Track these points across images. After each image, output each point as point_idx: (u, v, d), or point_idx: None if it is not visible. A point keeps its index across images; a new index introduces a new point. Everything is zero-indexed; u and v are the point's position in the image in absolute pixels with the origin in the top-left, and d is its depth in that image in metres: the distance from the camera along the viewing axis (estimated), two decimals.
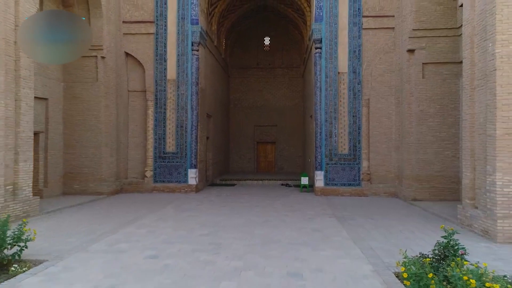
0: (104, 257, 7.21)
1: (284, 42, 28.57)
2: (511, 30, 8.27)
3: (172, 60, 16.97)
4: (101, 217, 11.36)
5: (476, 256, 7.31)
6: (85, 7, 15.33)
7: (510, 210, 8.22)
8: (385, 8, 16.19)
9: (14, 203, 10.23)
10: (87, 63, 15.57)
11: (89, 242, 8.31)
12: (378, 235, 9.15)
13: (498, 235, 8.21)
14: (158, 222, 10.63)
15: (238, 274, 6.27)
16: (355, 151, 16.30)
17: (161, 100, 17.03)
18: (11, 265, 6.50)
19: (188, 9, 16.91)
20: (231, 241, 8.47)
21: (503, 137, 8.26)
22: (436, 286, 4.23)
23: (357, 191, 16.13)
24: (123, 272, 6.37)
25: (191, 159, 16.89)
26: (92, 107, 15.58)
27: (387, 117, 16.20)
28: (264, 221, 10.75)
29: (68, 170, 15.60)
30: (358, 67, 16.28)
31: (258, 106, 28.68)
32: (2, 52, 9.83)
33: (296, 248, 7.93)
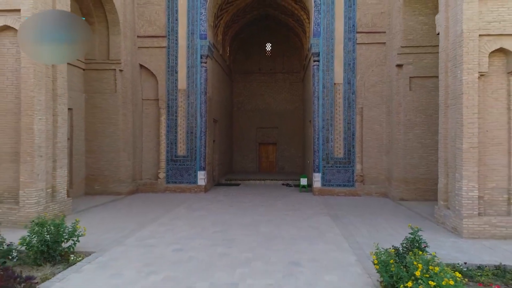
0: (139, 250, 8.87)
1: (285, 48, 30.09)
2: (476, 61, 9.86)
3: (183, 72, 18.56)
4: (125, 215, 13.02)
5: (443, 248, 9.00)
6: (105, 25, 16.91)
7: (473, 211, 9.86)
8: (377, 24, 17.73)
9: (53, 203, 11.88)
10: (106, 75, 17.17)
11: (122, 237, 9.97)
12: (365, 232, 10.80)
13: (463, 231, 9.87)
14: (175, 221, 12.29)
15: (249, 263, 7.92)
16: (350, 155, 17.93)
17: (172, 108, 18.65)
18: (68, 255, 8.16)
19: (197, 24, 18.46)
20: (241, 237, 10.13)
21: (469, 150, 9.89)
22: (395, 269, 5.86)
23: (351, 191, 17.78)
24: (157, 261, 8.03)
25: (200, 162, 18.54)
26: (111, 116, 17.20)
27: (379, 124, 17.80)
28: (268, 220, 12.40)
29: (90, 172, 17.24)
30: (353, 79, 17.86)
31: (260, 109, 30.27)
32: (44, 74, 11.44)
33: (295, 243, 9.58)
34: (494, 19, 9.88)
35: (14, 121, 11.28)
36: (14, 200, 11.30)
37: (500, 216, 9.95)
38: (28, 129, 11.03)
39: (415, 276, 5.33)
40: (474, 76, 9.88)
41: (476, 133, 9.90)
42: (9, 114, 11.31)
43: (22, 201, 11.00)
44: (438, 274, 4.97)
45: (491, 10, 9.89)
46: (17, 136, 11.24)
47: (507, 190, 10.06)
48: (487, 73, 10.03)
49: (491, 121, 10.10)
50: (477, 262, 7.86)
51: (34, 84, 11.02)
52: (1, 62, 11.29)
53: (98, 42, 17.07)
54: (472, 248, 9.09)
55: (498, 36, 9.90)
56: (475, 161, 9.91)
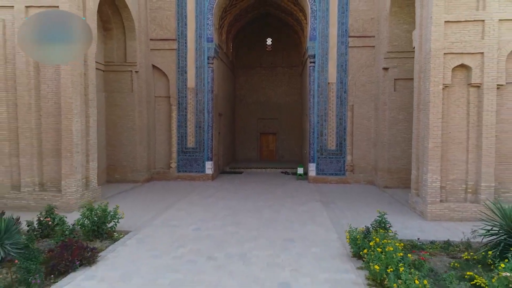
0: (165, 229, 11.11)
1: (285, 43, 31.85)
2: (441, 75, 11.89)
3: (192, 72, 20.54)
4: (147, 201, 15.26)
5: (408, 228, 11.23)
6: (122, 31, 18.82)
7: (436, 198, 12.07)
8: (368, 29, 19.60)
9: (87, 191, 14.11)
10: (124, 76, 19.17)
11: (150, 219, 12.23)
12: (349, 215, 13.04)
13: (428, 215, 12.10)
14: (190, 206, 14.53)
15: (255, 239, 10.17)
16: (341, 147, 20.08)
17: (182, 104, 20.70)
18: (112, 233, 10.39)
19: (204, 29, 20.33)
20: (247, 219, 12.38)
21: (433, 149, 12.03)
22: (361, 242, 8.09)
23: (342, 179, 20.01)
24: (181, 238, 10.27)
25: (207, 153, 20.71)
26: (128, 113, 19.28)
27: (368, 120, 19.87)
28: (269, 205, 14.64)
29: (110, 163, 19.43)
30: (345, 78, 19.85)
31: (261, 101, 32.26)
32: (78, 83, 13.49)
33: (291, 224, 11.82)
34: (457, 40, 11.86)
35: (54, 123, 13.39)
36: (56, 188, 13.53)
37: (458, 202, 12.16)
38: (67, 129, 13.15)
39: (370, 246, 7.56)
40: (439, 87, 11.93)
41: (440, 134, 12.02)
42: (50, 117, 13.41)
43: (64, 190, 13.23)
44: (384, 244, 7.18)
45: (454, 32, 11.87)
46: (57, 136, 13.37)
47: (465, 181, 12.25)
48: (451, 84, 12.07)
49: (453, 125, 12.20)
50: (433, 239, 10.08)
51: (72, 92, 13.09)
52: (42, 73, 13.33)
53: (116, 46, 19.00)
54: (432, 228, 11.33)
55: (460, 54, 11.91)
56: (438, 157, 12.06)
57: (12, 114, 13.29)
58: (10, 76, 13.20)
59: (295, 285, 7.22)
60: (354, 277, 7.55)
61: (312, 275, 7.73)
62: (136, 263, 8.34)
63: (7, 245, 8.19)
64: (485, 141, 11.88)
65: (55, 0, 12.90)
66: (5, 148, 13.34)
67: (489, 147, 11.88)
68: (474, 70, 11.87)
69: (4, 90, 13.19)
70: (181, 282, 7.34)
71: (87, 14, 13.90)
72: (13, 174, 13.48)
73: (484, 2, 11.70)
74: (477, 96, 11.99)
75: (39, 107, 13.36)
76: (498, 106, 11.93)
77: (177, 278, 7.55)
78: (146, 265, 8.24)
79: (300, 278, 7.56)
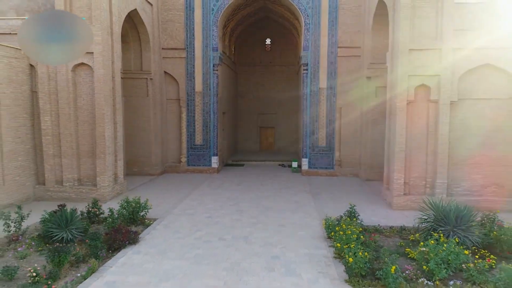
0: (183, 217, 14.09)
1: (283, 43, 34.36)
2: (406, 93, 14.65)
3: (199, 77, 23.24)
4: (164, 192, 18.21)
5: (376, 216, 14.17)
6: (138, 43, 21.46)
7: (400, 192, 15.01)
8: (355, 41, 22.21)
9: (116, 185, 17.07)
10: (140, 83, 21.90)
11: (170, 208, 15.21)
12: (331, 205, 16.00)
13: (393, 205, 15.06)
14: (202, 196, 17.51)
15: (254, 225, 13.16)
16: (330, 144, 22.95)
17: (191, 106, 23.49)
18: (144, 220, 13.36)
19: (210, 39, 22.94)
20: (248, 208, 15.35)
21: (399, 152, 14.90)
22: (333, 227, 11.05)
23: (331, 172, 22.95)
24: (197, 224, 13.26)
25: (213, 149, 23.61)
26: (145, 115, 22.09)
27: (354, 121, 22.65)
28: (267, 196, 17.62)
29: (129, 158, 22.33)
30: (334, 84, 22.56)
31: (261, 98, 34.98)
32: (109, 96, 16.27)
33: (284, 212, 14.80)
34: (419, 65, 14.59)
35: (89, 129, 16.25)
36: (92, 183, 16.48)
37: (419, 195, 15.08)
38: (101, 135, 16.01)
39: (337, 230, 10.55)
40: (404, 103, 14.73)
41: (404, 141, 14.88)
42: (85, 124, 16.26)
43: (99, 184, 16.18)
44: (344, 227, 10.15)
45: (417, 59, 14.58)
46: (92, 140, 16.25)
47: (424, 178, 15.17)
48: (414, 100, 14.85)
49: (415, 132, 15.03)
50: (393, 225, 13.03)
51: (104, 104, 15.90)
52: (79, 88, 16.12)
53: (133, 57, 21.68)
54: (395, 216, 14.29)
55: (422, 76, 14.65)
56: (403, 159, 14.95)
57: (55, 123, 16.13)
58: (53, 91, 15.99)
59: (283, 258, 10.21)
60: (326, 252, 10.54)
61: (296, 251, 10.72)
62: (167, 242, 11.34)
63: (72, 229, 11.17)
64: (440, 146, 14.75)
65: None
66: (50, 150, 16.23)
67: (443, 151, 14.75)
68: (433, 89, 14.64)
69: (48, 103, 16.00)
70: (202, 256, 10.33)
71: (114, 37, 16.58)
72: (56, 172, 16.41)
73: (441, 33, 14.38)
74: (435, 110, 14.79)
75: (77, 117, 16.20)
76: (451, 118, 14.74)
77: (198, 253, 10.54)
78: (175, 244, 11.24)
79: (287, 253, 10.55)
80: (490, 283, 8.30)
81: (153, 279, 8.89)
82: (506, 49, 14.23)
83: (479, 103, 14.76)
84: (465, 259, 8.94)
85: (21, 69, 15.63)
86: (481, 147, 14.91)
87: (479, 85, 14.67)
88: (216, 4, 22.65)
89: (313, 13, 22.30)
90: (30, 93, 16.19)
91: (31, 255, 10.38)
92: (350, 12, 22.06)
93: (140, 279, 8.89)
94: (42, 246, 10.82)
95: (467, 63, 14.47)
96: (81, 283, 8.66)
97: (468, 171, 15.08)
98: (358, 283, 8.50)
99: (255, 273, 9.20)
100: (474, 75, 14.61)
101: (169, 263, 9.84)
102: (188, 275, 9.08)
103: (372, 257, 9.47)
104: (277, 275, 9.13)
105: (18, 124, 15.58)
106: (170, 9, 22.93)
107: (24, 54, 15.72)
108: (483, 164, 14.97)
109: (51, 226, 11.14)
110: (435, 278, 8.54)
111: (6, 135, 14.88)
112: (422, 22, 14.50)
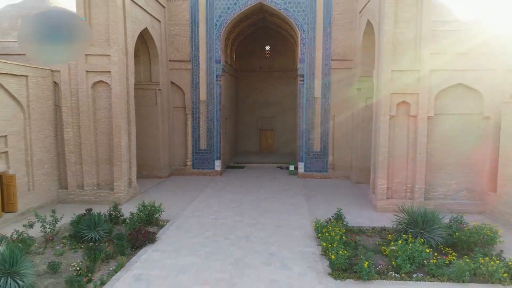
0: (192, 219, 16.06)
1: (281, 50, 36.15)
2: (388, 108, 16.55)
3: (203, 87, 25.13)
4: (173, 195, 20.17)
5: (361, 218, 16.14)
6: (148, 57, 23.32)
7: (384, 196, 16.99)
8: (347, 54, 24.06)
9: (130, 189, 19.05)
10: (149, 93, 23.79)
11: (180, 210, 17.18)
12: (323, 207, 17.95)
13: (378, 208, 17.04)
14: (208, 199, 19.47)
15: (254, 225, 15.14)
16: (325, 149, 24.89)
17: (196, 114, 25.39)
18: (158, 222, 15.32)
19: (213, 52, 24.80)
20: (248, 210, 17.33)
21: (382, 161, 16.86)
22: (321, 229, 13.01)
23: (325, 175, 24.92)
24: (205, 225, 15.24)
25: (216, 153, 25.56)
26: (153, 122, 24.00)
27: (346, 127, 24.57)
28: (265, 198, 19.59)
29: (139, 162, 24.15)
30: (328, 94, 24.46)
31: (260, 102, 36.86)
32: (124, 110, 18.18)
33: (280, 214, 16.77)
34: (400, 84, 16.49)
35: (107, 139, 18.17)
36: (109, 187, 18.44)
37: (400, 199, 17.04)
38: (117, 145, 17.95)
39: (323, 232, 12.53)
40: (387, 117, 16.66)
41: (387, 151, 16.83)
42: (103, 135, 18.18)
43: (115, 188, 18.15)
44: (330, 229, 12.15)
45: (399, 78, 16.48)
46: (109, 149, 18.18)
47: (405, 184, 17.13)
48: (396, 115, 16.76)
49: (397, 143, 16.96)
50: (375, 225, 15.00)
51: (120, 117, 17.83)
52: (98, 103, 18.02)
53: (143, 69, 23.54)
54: (379, 217, 16.26)
55: (403, 94, 16.56)
56: (386, 167, 16.91)
57: (76, 133, 18.05)
58: (75, 106, 17.90)
59: (279, 254, 12.19)
60: (315, 250, 12.52)
61: (291, 248, 12.69)
62: (181, 242, 13.32)
63: (100, 230, 13.14)
64: (418, 155, 16.69)
65: (106, 50, 17.43)
66: (72, 158, 18.17)
67: (422, 160, 16.70)
68: (412, 106, 16.56)
69: (70, 116, 17.92)
70: (211, 253, 12.31)
71: (128, 56, 18.46)
72: (77, 177, 18.36)
73: (420, 57, 16.26)
74: (414, 124, 16.72)
75: (96, 128, 18.12)
76: (429, 131, 16.67)
77: (207, 250, 12.52)
78: (187, 242, 13.22)
79: (283, 250, 12.53)
80: (445, 275, 10.29)
81: (172, 273, 10.88)
82: (475, 71, 16.12)
83: (453, 117, 16.69)
84: (427, 256, 10.92)
85: (47, 87, 17.52)
86: (454, 156, 16.87)
87: (453, 102, 16.59)
88: (219, 20, 24.48)
89: (309, 28, 24.13)
90: (54, 107, 18.09)
91: (66, 252, 12.36)
92: (342, 27, 23.89)
93: (161, 273, 10.88)
94: (75, 245, 12.81)
95: (442, 83, 16.38)
96: (113, 275, 10.65)
97: (444, 178, 17.05)
98: (339, 275, 10.50)
99: (255, 267, 11.19)
100: (448, 93, 16.53)
101: (183, 259, 11.83)
102: (200, 269, 11.08)
103: (351, 254, 11.45)
104: (274, 269, 11.13)
105: (44, 135, 17.50)
106: (177, 24, 24.75)
107: (49, 73, 17.62)
108: (456, 171, 16.93)
109: (82, 228, 13.13)
110: (402, 271, 10.54)
111: (35, 146, 16.81)
112: (403, 46, 16.39)
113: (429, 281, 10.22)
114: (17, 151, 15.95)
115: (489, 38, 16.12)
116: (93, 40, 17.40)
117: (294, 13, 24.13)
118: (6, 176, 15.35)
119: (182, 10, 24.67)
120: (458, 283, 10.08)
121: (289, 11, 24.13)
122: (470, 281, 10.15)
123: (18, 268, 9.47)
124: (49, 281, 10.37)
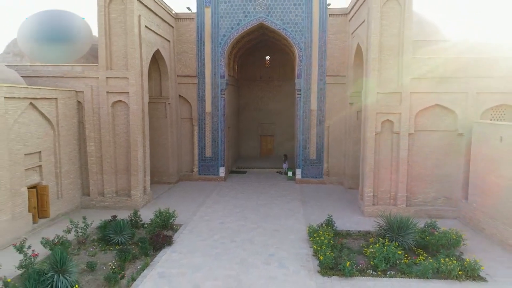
0: (202, 223, 18.34)
1: (281, 60, 38.29)
2: (374, 126, 18.79)
3: (208, 100, 27.36)
4: (183, 200, 22.44)
5: (350, 222, 18.41)
6: (158, 74, 25.55)
7: (370, 203, 19.26)
8: (341, 70, 26.27)
9: (144, 195, 21.33)
10: (160, 106, 26.02)
11: (191, 215, 19.46)
12: (317, 212, 20.21)
13: (365, 213, 19.32)
14: (214, 204, 21.75)
15: (256, 229, 17.42)
16: (320, 157, 27.13)
17: (202, 125, 27.64)
18: (172, 226, 17.59)
19: (218, 68, 27.01)
20: (250, 215, 19.60)
21: (369, 172, 19.12)
22: (313, 233, 15.28)
23: (321, 181, 27.18)
24: (213, 229, 17.51)
25: (221, 161, 27.83)
26: (164, 133, 26.24)
27: (340, 138, 26.80)
28: (265, 204, 21.86)
29: (151, 169, 26.43)
30: (323, 107, 26.68)
31: (261, 109, 39.08)
32: (140, 125, 20.43)
33: (279, 219, 19.04)
34: (384, 104, 18.72)
35: (125, 152, 20.43)
36: (126, 194, 20.72)
37: (385, 205, 19.31)
38: (134, 157, 20.21)
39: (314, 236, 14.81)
40: (373, 134, 18.91)
41: (373, 162, 19.09)
42: (122, 148, 20.44)
43: (132, 196, 20.44)
44: (321, 233, 14.43)
45: (383, 99, 18.70)
46: (127, 160, 20.45)
47: (389, 192, 19.40)
48: (381, 132, 19.01)
49: (382, 156, 19.21)
50: (361, 229, 17.27)
51: (137, 132, 20.09)
52: (116, 119, 20.26)
53: (154, 84, 25.76)
54: (365, 222, 18.51)
55: (387, 113, 18.79)
56: (372, 177, 19.18)
57: (98, 147, 20.31)
58: (96, 122, 20.15)
59: (277, 255, 14.47)
60: (307, 251, 14.80)
61: (287, 250, 14.98)
62: (194, 244, 15.61)
63: (124, 234, 15.40)
64: (401, 167, 18.95)
65: (125, 73, 19.66)
66: (94, 169, 20.44)
67: (404, 171, 18.95)
68: (395, 123, 18.80)
69: (92, 131, 20.18)
70: (220, 254, 14.60)
71: (143, 77, 20.69)
72: (98, 185, 20.64)
73: (401, 81, 18.47)
74: (397, 139, 18.96)
75: (115, 142, 20.38)
76: (410, 146, 18.91)
77: (217, 252, 14.81)
78: (199, 245, 15.51)
79: (280, 252, 14.81)
80: (413, 273, 12.58)
81: (189, 270, 13.16)
82: (451, 93, 18.35)
83: (431, 134, 18.94)
84: (399, 257, 13.20)
85: (72, 106, 19.77)
86: (433, 167, 19.12)
87: (431, 120, 18.83)
88: (223, 39, 26.69)
89: (306, 46, 26.33)
90: (78, 124, 20.34)
91: (98, 253, 14.64)
92: (337, 46, 26.09)
93: (180, 270, 13.17)
94: (104, 247, 15.09)
95: (421, 104, 18.61)
96: (141, 273, 12.93)
97: (423, 187, 19.32)
98: (326, 273, 12.78)
99: (257, 266, 13.48)
100: (427, 113, 18.77)
101: (197, 259, 14.12)
102: (212, 268, 13.36)
103: (337, 255, 13.73)
104: (272, 267, 13.41)
105: (70, 149, 19.76)
106: (184, 42, 26.96)
107: (74, 93, 19.86)
108: (435, 180, 19.20)
109: (109, 232, 15.40)
110: (378, 269, 12.82)
111: (63, 159, 19.07)
112: (387, 72, 18.61)
113: (399, 277, 12.51)
114: (49, 164, 18.21)
115: (463, 64, 18.32)
116: (113, 64, 19.67)
117: (292, 33, 26.32)
118: (40, 186, 17.61)
119: (189, 30, 26.88)
120: (423, 279, 12.36)
121: (287, 30, 26.34)
122: (433, 278, 12.43)
123: (66, 267, 11.74)
124: (88, 277, 12.66)
